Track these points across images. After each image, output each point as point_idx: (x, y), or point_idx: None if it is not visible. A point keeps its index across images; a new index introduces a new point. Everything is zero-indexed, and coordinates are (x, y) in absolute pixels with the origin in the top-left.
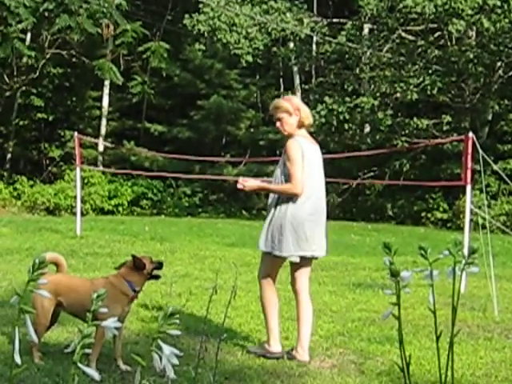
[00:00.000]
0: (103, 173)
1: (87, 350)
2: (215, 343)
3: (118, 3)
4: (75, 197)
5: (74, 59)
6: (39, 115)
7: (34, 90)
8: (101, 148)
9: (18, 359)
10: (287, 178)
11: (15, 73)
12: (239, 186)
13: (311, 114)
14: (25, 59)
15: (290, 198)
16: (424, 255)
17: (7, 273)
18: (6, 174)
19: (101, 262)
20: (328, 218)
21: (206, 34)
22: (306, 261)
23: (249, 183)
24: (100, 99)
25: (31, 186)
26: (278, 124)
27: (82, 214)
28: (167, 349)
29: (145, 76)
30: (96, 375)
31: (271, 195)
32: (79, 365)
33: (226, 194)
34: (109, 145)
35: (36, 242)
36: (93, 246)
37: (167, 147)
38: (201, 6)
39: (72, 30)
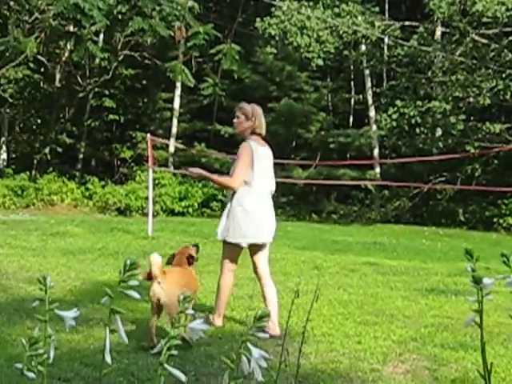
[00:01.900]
0: (174, 174)
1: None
2: (291, 346)
3: (191, 6)
4: (146, 198)
5: (146, 61)
6: (111, 116)
7: (107, 92)
8: (171, 149)
9: (108, 359)
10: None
11: (88, 74)
12: (187, 171)
13: (265, 126)
14: (97, 61)
15: (243, 190)
16: (507, 263)
17: (80, 272)
18: (77, 174)
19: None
20: (398, 222)
21: (277, 37)
22: (258, 247)
23: (195, 170)
24: (171, 101)
25: (103, 187)
26: (234, 120)
27: (153, 215)
28: (256, 352)
29: (216, 78)
30: (182, 376)
31: None
32: (166, 366)
33: (296, 196)
34: (180, 146)
35: (108, 242)
36: (164, 247)
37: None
38: (272, 9)
39: (145, 32)
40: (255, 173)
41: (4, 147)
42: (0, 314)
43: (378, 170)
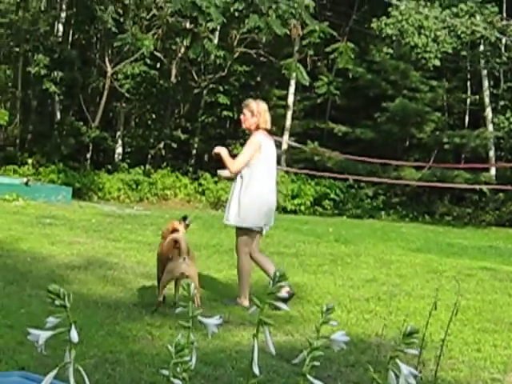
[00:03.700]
0: (286, 172)
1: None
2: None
3: (307, 4)
4: None
5: (261, 58)
6: (225, 113)
7: (221, 88)
8: (284, 147)
9: (256, 370)
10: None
11: (203, 71)
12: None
13: (270, 121)
14: (213, 57)
15: (251, 177)
16: None
17: None
18: (191, 169)
19: (287, 262)
20: None
21: (393, 37)
22: (260, 232)
23: (221, 149)
24: (285, 98)
25: (215, 183)
26: (241, 116)
27: None
28: (405, 368)
29: (330, 76)
30: None
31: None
32: (308, 376)
33: (409, 197)
34: (293, 144)
35: (223, 239)
36: (278, 246)
37: (350, 148)
38: (390, 9)
39: (261, 30)
40: (263, 162)
41: (119, 141)
42: (120, 309)
43: (493, 172)
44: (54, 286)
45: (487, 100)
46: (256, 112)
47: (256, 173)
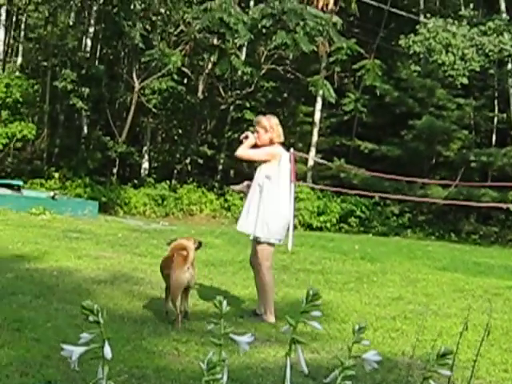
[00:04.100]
0: (312, 188)
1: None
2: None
3: (335, 21)
4: None
5: (288, 74)
6: (251, 129)
7: (247, 104)
8: (311, 163)
9: None
10: (267, 174)
11: (230, 86)
12: (243, 136)
13: (283, 134)
14: (240, 73)
15: (274, 192)
16: None
17: (222, 285)
18: (216, 185)
19: (313, 278)
20: None
21: (421, 54)
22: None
23: (250, 136)
24: (311, 115)
25: (241, 199)
26: (254, 134)
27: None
28: None
29: (357, 93)
30: None
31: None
32: None
33: (435, 215)
34: (319, 161)
35: (248, 255)
36: (304, 262)
37: (376, 165)
38: (417, 26)
39: (288, 47)
40: (283, 175)
41: (146, 156)
42: (146, 324)
43: None
44: (87, 301)
45: None
46: (269, 127)
47: (277, 185)
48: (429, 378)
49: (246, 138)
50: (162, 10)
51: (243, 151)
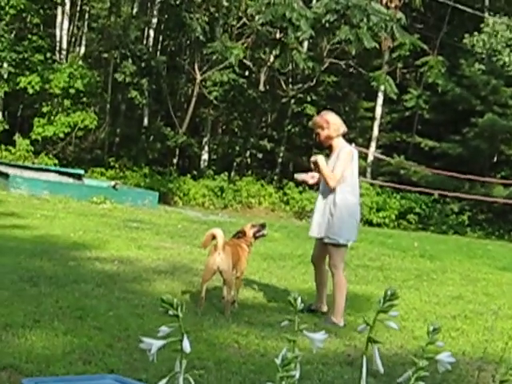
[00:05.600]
0: (371, 184)
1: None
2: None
3: (399, 17)
4: None
5: (349, 69)
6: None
7: (308, 98)
8: (370, 158)
9: None
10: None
11: (291, 80)
12: (313, 158)
13: (343, 124)
14: (301, 66)
15: (346, 190)
16: None
17: (281, 279)
18: (275, 178)
19: (372, 275)
20: None
21: (484, 53)
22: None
23: (318, 158)
24: (372, 110)
25: (300, 193)
26: (317, 138)
27: None
28: None
29: (419, 89)
30: None
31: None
32: None
33: (496, 214)
34: (379, 156)
35: (308, 250)
36: (363, 258)
37: (437, 162)
38: (482, 25)
39: (351, 42)
40: (354, 173)
41: (206, 148)
42: (206, 316)
43: None
44: (167, 295)
45: None
46: (324, 124)
47: (348, 184)
48: (505, 382)
49: (315, 163)
50: (226, 4)
51: (332, 177)
